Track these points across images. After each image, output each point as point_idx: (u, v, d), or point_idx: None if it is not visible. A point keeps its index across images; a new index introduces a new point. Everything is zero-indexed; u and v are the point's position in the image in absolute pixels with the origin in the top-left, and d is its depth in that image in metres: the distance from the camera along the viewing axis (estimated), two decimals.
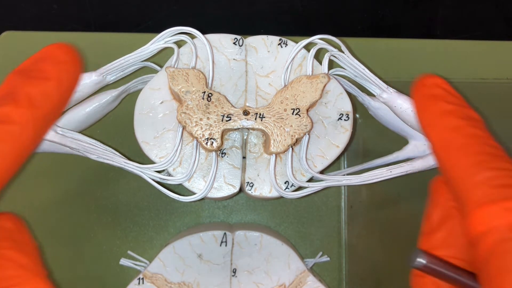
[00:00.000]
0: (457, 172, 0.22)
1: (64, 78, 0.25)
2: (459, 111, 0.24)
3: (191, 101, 0.27)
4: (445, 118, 0.24)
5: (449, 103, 0.24)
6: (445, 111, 0.24)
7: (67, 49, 0.26)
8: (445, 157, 0.23)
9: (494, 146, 0.23)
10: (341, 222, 0.36)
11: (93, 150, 0.28)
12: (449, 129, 0.23)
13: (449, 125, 0.24)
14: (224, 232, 0.32)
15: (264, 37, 0.29)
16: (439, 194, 0.25)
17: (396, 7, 0.41)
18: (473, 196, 0.21)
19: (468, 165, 0.22)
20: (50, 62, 0.25)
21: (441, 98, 0.25)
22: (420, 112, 0.25)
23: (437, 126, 0.24)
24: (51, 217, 0.35)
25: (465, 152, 0.22)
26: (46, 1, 0.40)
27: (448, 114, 0.24)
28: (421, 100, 0.25)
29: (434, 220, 0.25)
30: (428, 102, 0.25)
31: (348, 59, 0.29)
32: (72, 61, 0.25)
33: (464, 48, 0.38)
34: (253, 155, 0.29)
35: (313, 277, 0.32)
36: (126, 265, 0.34)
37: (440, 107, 0.24)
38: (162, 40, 0.28)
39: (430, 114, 0.25)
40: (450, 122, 0.24)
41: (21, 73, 0.24)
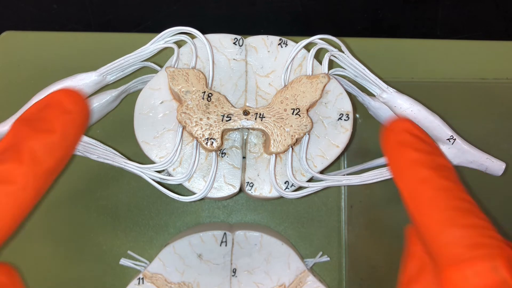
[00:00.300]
0: (426, 228, 0.22)
1: (70, 130, 0.24)
2: (428, 160, 0.23)
3: (191, 101, 0.27)
4: (413, 169, 0.23)
5: (417, 151, 0.23)
6: (413, 160, 0.23)
7: (75, 97, 0.24)
8: (414, 210, 0.22)
9: (464, 199, 0.22)
10: (341, 222, 0.36)
11: (93, 150, 0.28)
12: (417, 181, 0.23)
13: (417, 176, 0.23)
14: (224, 232, 0.32)
15: (264, 37, 0.29)
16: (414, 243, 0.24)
17: (396, 7, 0.41)
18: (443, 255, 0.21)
19: (437, 222, 0.21)
20: (56, 112, 0.23)
21: (409, 145, 0.24)
22: (389, 159, 0.24)
23: (406, 176, 0.23)
24: (51, 217, 0.35)
25: (434, 207, 0.22)
26: (46, 1, 0.40)
27: (417, 164, 0.23)
28: (389, 148, 0.25)
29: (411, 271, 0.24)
30: (397, 149, 0.24)
31: (348, 59, 0.29)
32: (79, 111, 0.24)
33: (464, 48, 0.38)
34: (253, 155, 0.29)
35: (313, 277, 0.32)
36: (126, 265, 0.34)
37: (408, 156, 0.23)
38: (162, 40, 0.28)
39: (399, 163, 0.24)
40: (419, 173, 0.23)
41: (27, 123, 0.23)
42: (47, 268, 0.35)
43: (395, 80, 0.36)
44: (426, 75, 0.37)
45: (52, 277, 0.35)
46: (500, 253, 0.20)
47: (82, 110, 0.24)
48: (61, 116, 0.23)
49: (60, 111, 0.24)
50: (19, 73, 0.36)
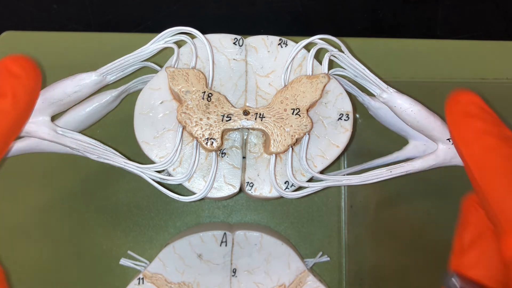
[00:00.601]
0: (492, 193, 0.22)
1: (19, 93, 0.24)
2: (495, 130, 0.24)
3: (191, 101, 0.27)
4: (480, 138, 0.23)
5: (484, 122, 0.24)
6: (480, 130, 0.24)
7: (23, 62, 0.25)
8: (480, 177, 0.23)
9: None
10: (341, 222, 0.36)
11: (93, 150, 0.28)
12: (484, 149, 0.23)
13: (484, 145, 0.23)
14: (224, 232, 0.32)
15: (264, 37, 0.29)
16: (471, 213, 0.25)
17: (396, 7, 0.41)
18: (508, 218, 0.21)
19: (504, 187, 0.22)
20: (5, 77, 0.24)
21: (476, 116, 0.24)
22: (454, 129, 0.25)
23: (472, 145, 0.23)
24: (51, 217, 0.35)
25: (502, 174, 0.22)
26: (46, 1, 0.40)
27: (484, 133, 0.23)
28: (455, 117, 0.25)
29: (466, 240, 0.24)
30: (463, 120, 0.24)
31: (348, 59, 0.29)
32: (29, 76, 0.25)
33: (464, 48, 0.38)
34: (253, 155, 0.29)
35: (313, 277, 0.32)
36: (126, 265, 0.34)
37: (475, 126, 0.24)
38: (162, 40, 0.28)
39: (465, 132, 0.24)
40: (486, 141, 0.23)
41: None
42: (47, 268, 0.35)
43: (395, 80, 0.36)
44: (426, 75, 0.37)
45: (52, 277, 0.35)
46: None
47: (31, 74, 0.25)
48: (10, 81, 0.24)
49: (8, 76, 0.24)
50: None
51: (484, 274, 0.23)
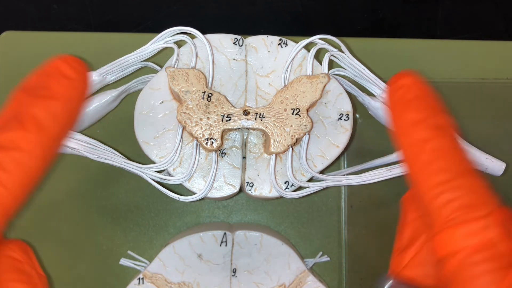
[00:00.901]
0: (423, 189, 0.22)
1: (72, 96, 0.23)
2: (428, 120, 0.23)
3: (191, 101, 0.27)
4: (413, 130, 0.23)
5: (419, 111, 0.23)
6: (414, 121, 0.23)
7: (75, 63, 0.24)
8: (412, 171, 0.22)
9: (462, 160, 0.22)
10: (341, 222, 0.36)
11: (93, 150, 0.28)
12: (416, 142, 0.23)
13: (417, 138, 0.23)
14: (224, 232, 0.32)
15: (264, 37, 0.29)
16: (408, 211, 0.25)
17: (396, 7, 0.41)
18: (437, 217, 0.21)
19: (432, 184, 0.21)
20: (56, 78, 0.23)
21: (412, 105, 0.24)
22: (391, 120, 0.24)
23: (405, 137, 0.23)
24: (51, 217, 0.35)
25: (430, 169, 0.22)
26: (46, 1, 0.40)
27: (417, 125, 0.23)
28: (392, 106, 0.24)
29: (404, 239, 0.24)
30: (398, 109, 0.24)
31: (348, 59, 0.29)
32: (80, 77, 0.24)
33: (464, 48, 0.38)
34: (253, 155, 0.29)
35: (313, 277, 0.32)
36: (126, 265, 0.34)
37: (410, 116, 0.23)
38: (162, 40, 0.28)
39: (401, 123, 0.24)
40: (418, 134, 0.23)
41: (28, 92, 0.23)
42: (47, 268, 0.35)
43: None
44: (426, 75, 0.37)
45: (52, 277, 0.35)
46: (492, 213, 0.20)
47: (82, 75, 0.24)
48: (62, 82, 0.23)
49: (59, 77, 0.23)
50: (19, 73, 0.36)
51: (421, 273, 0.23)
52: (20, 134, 0.22)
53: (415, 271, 0.24)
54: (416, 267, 0.24)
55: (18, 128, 0.22)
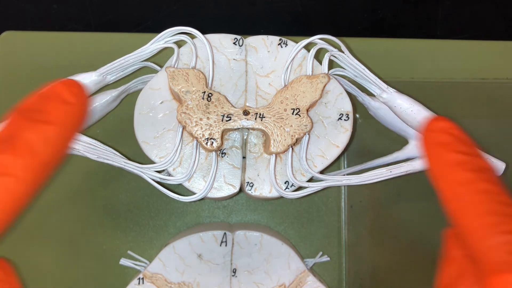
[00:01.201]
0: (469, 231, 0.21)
1: (68, 122, 0.23)
2: (469, 162, 0.23)
3: (191, 101, 0.27)
4: (454, 171, 0.23)
5: (458, 153, 0.23)
6: (454, 162, 0.23)
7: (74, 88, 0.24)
8: (456, 212, 0.22)
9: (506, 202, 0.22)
10: (341, 222, 0.36)
11: (93, 150, 0.28)
12: (458, 183, 0.22)
13: (458, 179, 0.22)
14: (224, 232, 0.32)
15: (264, 37, 0.29)
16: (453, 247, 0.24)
17: (396, 7, 0.41)
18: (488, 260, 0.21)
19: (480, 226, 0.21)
20: (55, 103, 0.23)
21: (450, 146, 0.23)
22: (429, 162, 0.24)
23: (446, 178, 0.23)
24: (51, 217, 0.35)
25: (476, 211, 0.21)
26: (46, 1, 0.40)
27: (457, 166, 0.23)
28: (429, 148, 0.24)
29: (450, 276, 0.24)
30: (437, 151, 0.24)
31: (348, 59, 0.29)
32: (79, 103, 0.23)
33: (464, 48, 0.38)
34: (253, 155, 0.29)
35: (313, 277, 0.32)
36: (126, 265, 0.34)
37: (449, 157, 0.23)
38: (162, 40, 0.28)
39: (439, 164, 0.23)
40: (460, 175, 0.22)
41: (24, 114, 0.23)
42: (47, 268, 0.35)
43: (395, 80, 0.36)
44: (426, 75, 0.37)
45: (52, 277, 0.35)
46: None
47: (82, 102, 0.24)
48: (60, 107, 0.23)
49: (59, 102, 0.23)
50: (19, 73, 0.36)
51: None
52: (11, 159, 0.21)
53: None
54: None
55: (10, 152, 0.21)
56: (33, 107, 0.23)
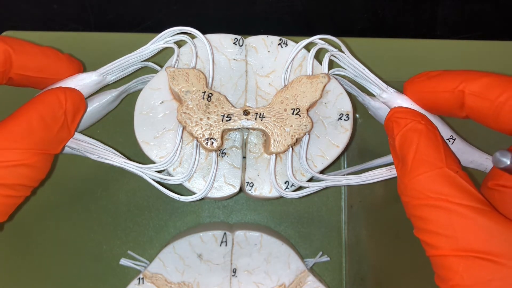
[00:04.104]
0: None
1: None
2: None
3: (191, 101, 0.27)
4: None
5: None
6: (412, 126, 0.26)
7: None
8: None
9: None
10: (341, 222, 0.36)
11: (93, 150, 0.28)
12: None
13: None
14: (224, 232, 0.32)
15: (264, 37, 0.29)
16: (394, 126, 0.26)
17: (396, 7, 0.41)
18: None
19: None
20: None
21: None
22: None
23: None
24: (51, 217, 0.35)
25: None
26: (46, 1, 0.40)
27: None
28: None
29: (397, 144, 0.26)
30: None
31: (348, 59, 0.29)
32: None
33: (464, 48, 0.38)
34: (253, 155, 0.29)
35: (313, 277, 0.32)
36: (126, 265, 0.34)
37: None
38: (162, 40, 0.28)
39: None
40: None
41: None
42: (47, 268, 0.35)
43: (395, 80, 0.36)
44: None
45: (52, 277, 0.35)
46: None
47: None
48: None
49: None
50: None
51: None
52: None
53: None
54: None
55: None
56: None
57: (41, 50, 0.26)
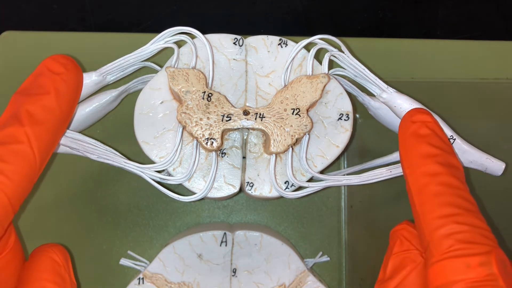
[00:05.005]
0: (426, 220, 0.22)
1: (63, 89, 0.25)
2: (441, 156, 0.23)
3: (191, 101, 0.27)
4: (425, 162, 0.23)
5: (433, 147, 0.24)
6: (427, 154, 0.24)
7: (63, 60, 0.25)
8: (418, 201, 0.23)
9: (469, 200, 0.22)
10: (341, 222, 0.36)
11: (93, 150, 0.28)
12: (426, 174, 0.23)
13: (428, 170, 0.23)
14: (224, 232, 0.32)
15: (264, 37, 0.29)
16: (395, 244, 0.25)
17: (396, 7, 0.41)
18: (438, 248, 0.21)
19: (438, 216, 0.22)
20: (46, 76, 0.25)
21: (426, 139, 0.24)
22: (403, 150, 0.25)
23: (416, 168, 0.23)
24: (51, 217, 0.35)
25: (438, 202, 0.22)
26: (46, 1, 0.40)
27: (429, 158, 0.23)
28: (406, 138, 0.25)
29: (388, 269, 0.25)
30: (413, 141, 0.24)
31: (348, 59, 0.29)
32: (69, 71, 0.25)
33: (464, 48, 0.38)
34: (253, 155, 0.29)
35: (313, 277, 0.32)
36: (126, 265, 0.34)
37: (423, 149, 0.24)
38: (162, 40, 0.28)
39: (412, 154, 0.24)
40: (430, 167, 0.23)
41: (22, 92, 0.24)
42: None
43: (395, 80, 0.36)
44: (426, 75, 0.37)
45: None
46: (492, 252, 0.21)
47: (71, 69, 0.26)
48: (51, 78, 0.25)
49: (49, 74, 0.25)
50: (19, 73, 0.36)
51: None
52: (17, 129, 0.23)
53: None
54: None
55: (15, 124, 0.23)
56: (29, 85, 0.25)
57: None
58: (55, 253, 0.25)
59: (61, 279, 0.24)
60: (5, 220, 0.22)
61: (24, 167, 0.22)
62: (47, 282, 0.24)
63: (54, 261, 0.25)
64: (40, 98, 0.24)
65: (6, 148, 0.22)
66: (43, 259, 0.25)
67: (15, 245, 0.24)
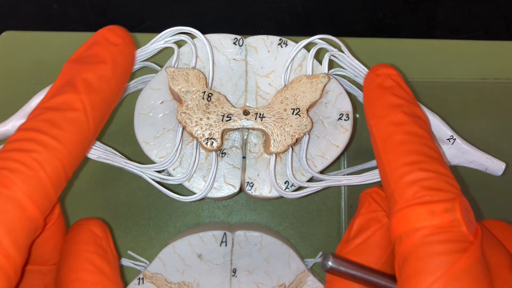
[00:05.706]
0: (391, 169, 0.22)
1: (119, 60, 0.24)
2: (406, 106, 0.24)
3: (191, 101, 0.27)
4: (390, 112, 0.23)
5: (397, 97, 0.24)
6: (392, 104, 0.24)
7: (120, 32, 0.25)
8: (383, 151, 0.23)
9: (433, 148, 0.22)
10: (341, 222, 0.36)
11: (93, 150, 0.28)
12: (391, 124, 0.23)
13: (393, 120, 0.23)
14: (224, 232, 0.32)
15: (264, 37, 0.29)
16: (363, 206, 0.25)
17: (396, 7, 0.41)
18: (403, 195, 0.21)
19: (402, 163, 0.22)
20: (103, 45, 0.24)
21: (391, 90, 0.24)
22: (367, 102, 0.25)
23: (381, 118, 0.23)
24: None
25: (403, 150, 0.22)
26: (46, 1, 0.40)
27: (394, 108, 0.23)
28: (370, 90, 0.25)
29: (354, 229, 0.24)
30: (377, 92, 0.24)
31: (348, 59, 0.29)
32: (125, 42, 0.25)
33: (464, 48, 0.38)
34: (253, 155, 0.29)
35: (313, 277, 0.32)
36: (126, 265, 0.34)
37: (387, 99, 0.24)
38: (162, 40, 0.28)
39: (377, 105, 0.24)
40: (395, 117, 0.23)
41: (76, 61, 0.24)
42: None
43: None
44: (426, 75, 0.37)
45: None
46: (456, 199, 0.20)
47: (128, 41, 0.25)
48: (108, 48, 0.24)
49: (106, 44, 0.24)
50: (19, 73, 0.36)
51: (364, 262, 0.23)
52: (73, 96, 0.22)
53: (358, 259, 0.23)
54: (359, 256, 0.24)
55: (71, 91, 0.22)
56: (84, 53, 0.24)
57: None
58: (95, 226, 0.25)
59: (103, 251, 0.24)
60: (59, 186, 0.22)
61: (78, 135, 0.22)
62: (91, 254, 0.24)
63: (95, 234, 0.25)
64: (97, 67, 0.23)
65: (62, 115, 0.22)
66: (83, 231, 0.25)
67: (59, 217, 0.24)
